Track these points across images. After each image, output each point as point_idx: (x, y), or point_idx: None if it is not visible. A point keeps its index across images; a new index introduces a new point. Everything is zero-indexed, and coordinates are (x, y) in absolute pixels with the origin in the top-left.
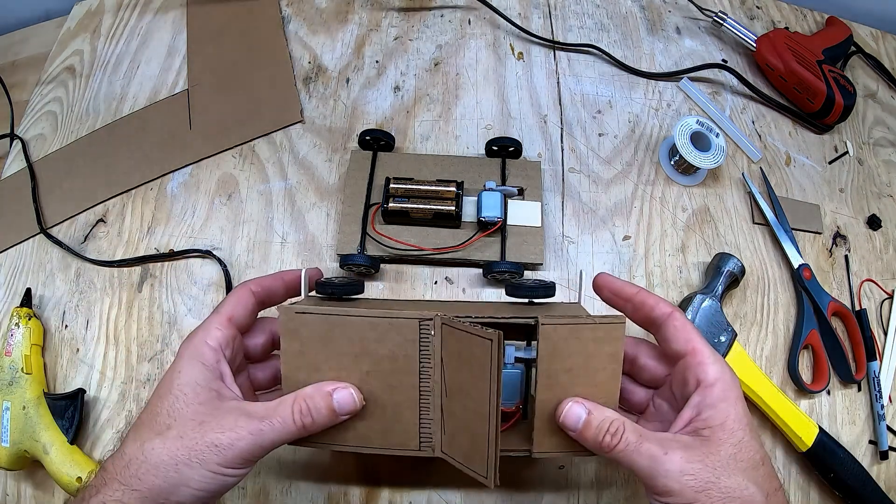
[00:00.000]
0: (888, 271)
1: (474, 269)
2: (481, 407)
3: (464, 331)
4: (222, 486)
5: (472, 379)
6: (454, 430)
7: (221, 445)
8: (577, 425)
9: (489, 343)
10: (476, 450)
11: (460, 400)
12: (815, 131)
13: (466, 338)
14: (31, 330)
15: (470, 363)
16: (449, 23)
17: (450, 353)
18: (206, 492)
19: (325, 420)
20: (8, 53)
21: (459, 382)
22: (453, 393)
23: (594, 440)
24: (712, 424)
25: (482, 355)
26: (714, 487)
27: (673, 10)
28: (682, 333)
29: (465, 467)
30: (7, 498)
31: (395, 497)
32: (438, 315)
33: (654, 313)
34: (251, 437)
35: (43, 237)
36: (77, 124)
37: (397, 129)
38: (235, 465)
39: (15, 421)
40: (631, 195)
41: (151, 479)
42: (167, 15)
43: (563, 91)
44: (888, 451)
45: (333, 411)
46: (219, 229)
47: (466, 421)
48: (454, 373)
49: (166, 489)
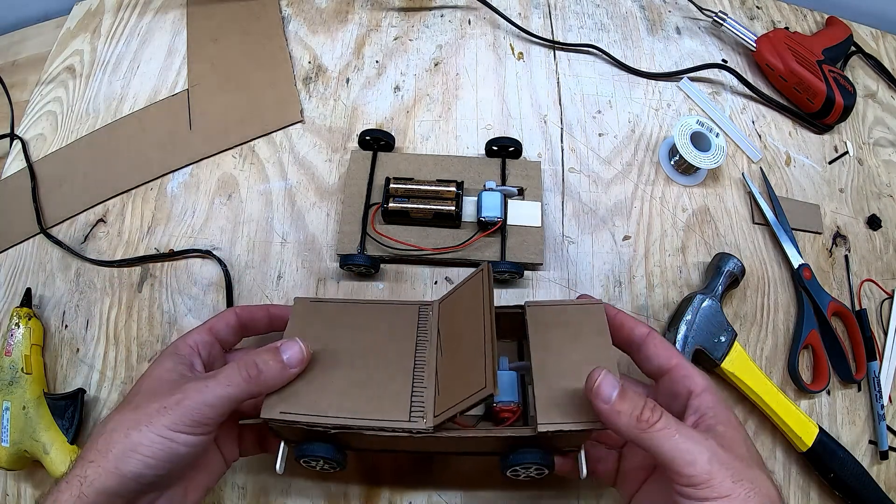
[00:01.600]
0: (888, 271)
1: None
2: (476, 333)
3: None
4: (172, 452)
5: (466, 316)
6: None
7: (168, 406)
8: (611, 397)
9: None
10: (473, 373)
11: (455, 345)
12: (815, 131)
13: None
14: (31, 330)
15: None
16: (449, 23)
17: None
18: (155, 458)
19: (274, 372)
20: (8, 53)
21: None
22: (449, 348)
23: (630, 414)
24: (722, 421)
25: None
26: (746, 478)
27: (673, 10)
28: (662, 351)
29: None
30: (7, 498)
31: (394, 497)
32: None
33: (633, 334)
34: (197, 394)
35: (43, 237)
36: (77, 124)
37: (397, 129)
38: (184, 428)
39: (15, 421)
40: (631, 195)
41: (105, 448)
42: (167, 15)
43: (563, 91)
44: (888, 451)
45: (281, 362)
46: (219, 229)
47: (462, 358)
48: (450, 331)
49: (116, 456)
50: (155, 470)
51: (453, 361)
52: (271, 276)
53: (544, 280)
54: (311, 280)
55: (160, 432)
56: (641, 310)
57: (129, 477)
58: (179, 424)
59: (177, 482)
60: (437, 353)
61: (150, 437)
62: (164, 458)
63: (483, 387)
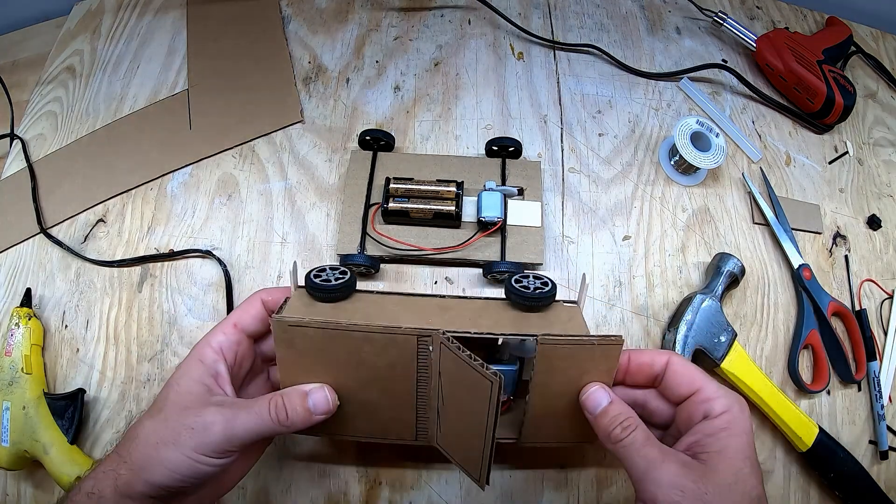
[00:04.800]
0: (888, 271)
1: (474, 269)
2: (478, 428)
3: (464, 361)
4: (195, 471)
5: (470, 401)
6: (449, 432)
7: (196, 429)
8: (596, 410)
9: (488, 385)
10: (471, 455)
11: (457, 412)
12: (815, 131)
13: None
14: (31, 330)
15: (469, 389)
16: (449, 23)
17: (448, 370)
18: (179, 474)
19: (300, 418)
20: (8, 53)
21: (456, 398)
22: (450, 403)
23: (605, 428)
24: (709, 450)
25: (482, 390)
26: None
27: (673, 10)
28: (683, 378)
29: (459, 465)
30: (7, 498)
31: (394, 497)
32: (437, 332)
33: (653, 370)
34: (224, 422)
35: (43, 237)
36: (77, 124)
37: (397, 129)
38: (209, 453)
39: (15, 421)
40: (631, 195)
41: (136, 454)
42: (167, 15)
43: (563, 91)
44: (888, 451)
45: (308, 410)
46: (219, 229)
47: (462, 431)
48: (451, 386)
49: (146, 465)
50: (181, 483)
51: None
52: (271, 276)
53: None
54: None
55: (187, 454)
56: (641, 310)
57: (156, 485)
58: (206, 449)
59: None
60: (438, 397)
61: (178, 457)
62: (190, 475)
63: (477, 478)
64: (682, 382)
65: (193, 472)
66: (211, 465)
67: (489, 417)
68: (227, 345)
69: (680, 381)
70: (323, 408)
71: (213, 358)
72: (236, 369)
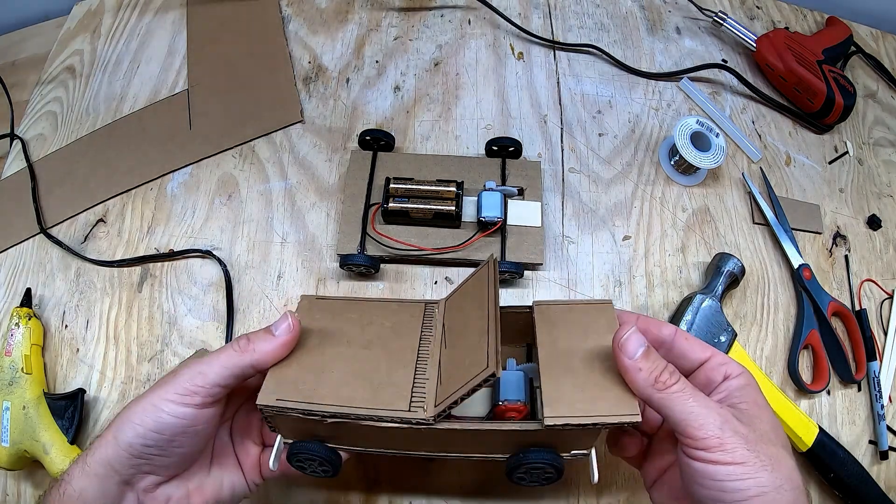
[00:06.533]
0: (888, 271)
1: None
2: (480, 320)
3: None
4: (157, 420)
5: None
6: (450, 371)
7: (165, 380)
8: (636, 353)
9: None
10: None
11: (459, 338)
12: (815, 131)
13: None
14: (31, 330)
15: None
16: (449, 23)
17: (451, 313)
18: (143, 426)
19: (264, 342)
20: (8, 53)
21: (459, 324)
22: (453, 340)
23: (649, 373)
24: (746, 400)
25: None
26: (763, 451)
27: (673, 10)
28: (696, 344)
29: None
30: (7, 498)
31: (395, 500)
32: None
33: (661, 335)
34: (194, 365)
35: (43, 237)
36: (77, 124)
37: (397, 129)
38: (173, 397)
39: (15, 421)
40: (631, 195)
41: (112, 424)
42: (167, 15)
43: (563, 91)
44: (888, 451)
45: (271, 332)
46: (219, 229)
47: (465, 348)
48: (454, 323)
49: (117, 426)
50: (143, 439)
51: (456, 351)
52: (271, 276)
53: (544, 280)
54: (311, 280)
55: (151, 401)
56: (641, 310)
57: (122, 446)
58: (170, 393)
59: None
60: (440, 346)
61: (141, 406)
62: (152, 428)
63: (485, 367)
64: (695, 348)
65: (155, 423)
66: (173, 415)
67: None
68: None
69: (693, 347)
70: (284, 326)
71: None
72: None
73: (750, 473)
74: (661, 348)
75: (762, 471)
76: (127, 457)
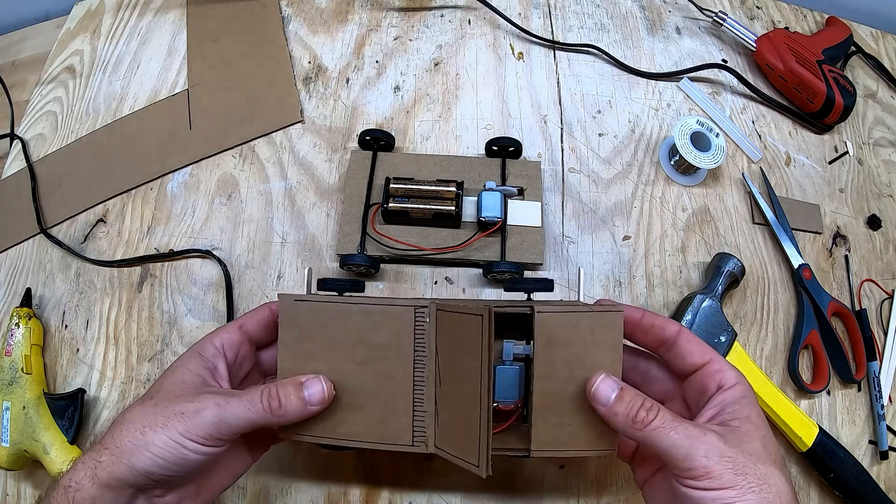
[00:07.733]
0: (888, 271)
1: (474, 269)
2: (473, 391)
3: (456, 312)
4: (180, 458)
5: (464, 362)
6: (447, 421)
7: (186, 413)
8: (609, 399)
9: (480, 319)
10: (469, 438)
11: (453, 386)
12: (815, 131)
13: (459, 319)
14: (31, 330)
15: (463, 345)
16: (449, 23)
17: (444, 340)
18: (164, 459)
19: (293, 407)
20: (8, 53)
21: (453, 368)
22: (447, 380)
23: (626, 415)
24: (739, 416)
25: (474, 335)
26: (751, 473)
27: (673, 10)
28: (696, 347)
29: (458, 459)
30: (7, 498)
31: (394, 497)
32: (434, 301)
33: (664, 333)
34: (216, 408)
35: (43, 237)
36: (77, 124)
37: (397, 129)
38: (197, 439)
39: (15, 421)
40: (631, 195)
41: (121, 439)
42: (167, 15)
43: (563, 91)
44: (888, 451)
45: (302, 399)
46: (219, 229)
47: (459, 408)
48: (448, 359)
49: (130, 450)
50: (164, 470)
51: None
52: (271, 276)
53: None
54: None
55: (173, 437)
56: None
57: (139, 472)
58: (193, 434)
59: (189, 483)
60: (435, 378)
61: (164, 440)
62: (174, 462)
63: (476, 464)
64: (695, 351)
65: (179, 459)
66: (197, 453)
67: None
68: (229, 343)
69: (693, 350)
70: (318, 398)
71: (213, 353)
72: (235, 369)
73: (738, 496)
74: (661, 347)
75: (749, 493)
76: (144, 480)
